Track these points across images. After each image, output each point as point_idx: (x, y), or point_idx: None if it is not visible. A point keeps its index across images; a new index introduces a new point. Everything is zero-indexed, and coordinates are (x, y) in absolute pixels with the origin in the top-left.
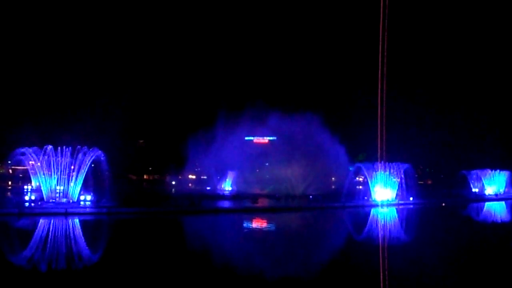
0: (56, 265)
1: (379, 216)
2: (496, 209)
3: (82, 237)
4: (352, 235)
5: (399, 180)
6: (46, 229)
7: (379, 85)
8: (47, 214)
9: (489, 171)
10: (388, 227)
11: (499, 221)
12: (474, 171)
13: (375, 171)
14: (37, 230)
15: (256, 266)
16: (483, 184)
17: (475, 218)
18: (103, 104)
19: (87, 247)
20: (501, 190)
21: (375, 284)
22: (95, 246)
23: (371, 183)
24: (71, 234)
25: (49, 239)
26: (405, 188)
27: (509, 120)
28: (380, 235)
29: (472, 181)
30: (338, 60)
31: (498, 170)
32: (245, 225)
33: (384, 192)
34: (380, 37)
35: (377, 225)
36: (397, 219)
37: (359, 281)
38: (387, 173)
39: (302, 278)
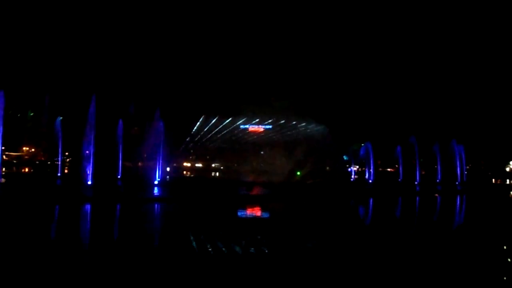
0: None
1: (370, 204)
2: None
3: (71, 223)
4: (341, 221)
5: (393, 170)
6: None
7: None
8: None
9: None
10: (375, 214)
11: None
12: None
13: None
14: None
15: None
16: None
17: (460, 207)
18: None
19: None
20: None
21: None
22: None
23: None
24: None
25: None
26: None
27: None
28: (367, 219)
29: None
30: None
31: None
32: (239, 213)
33: None
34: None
35: (366, 212)
36: (387, 206)
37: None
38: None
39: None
